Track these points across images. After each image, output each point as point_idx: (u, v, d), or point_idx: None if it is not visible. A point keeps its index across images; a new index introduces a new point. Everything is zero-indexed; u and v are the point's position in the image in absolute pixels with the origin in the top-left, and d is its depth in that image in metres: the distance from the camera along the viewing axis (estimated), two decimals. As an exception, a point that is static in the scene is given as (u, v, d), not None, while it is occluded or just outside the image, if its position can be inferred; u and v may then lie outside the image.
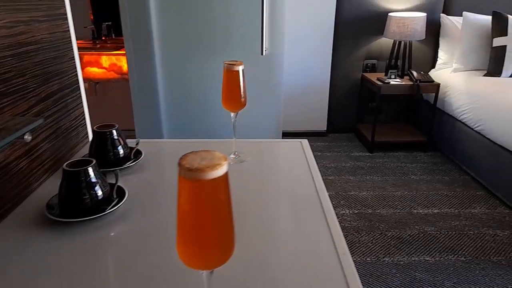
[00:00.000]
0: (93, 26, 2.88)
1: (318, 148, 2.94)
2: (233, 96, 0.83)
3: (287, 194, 0.76)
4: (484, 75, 2.56)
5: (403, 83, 2.69)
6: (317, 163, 2.89)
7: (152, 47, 1.71)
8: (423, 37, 2.71)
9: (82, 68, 2.63)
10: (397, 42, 2.81)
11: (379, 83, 2.69)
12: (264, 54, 1.70)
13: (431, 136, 2.84)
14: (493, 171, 2.23)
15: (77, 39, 0.96)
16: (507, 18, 2.47)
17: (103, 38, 2.87)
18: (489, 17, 2.58)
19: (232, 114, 0.86)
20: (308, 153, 0.91)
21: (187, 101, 1.80)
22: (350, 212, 2.11)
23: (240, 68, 0.81)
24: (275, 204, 0.73)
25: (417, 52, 2.97)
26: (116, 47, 2.66)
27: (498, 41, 2.50)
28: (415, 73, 2.72)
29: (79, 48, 0.99)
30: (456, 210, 2.12)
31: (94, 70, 2.61)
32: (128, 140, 0.93)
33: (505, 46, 2.46)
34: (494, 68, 2.52)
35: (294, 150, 0.93)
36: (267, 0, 1.62)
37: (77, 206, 0.66)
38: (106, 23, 2.93)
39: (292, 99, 3.06)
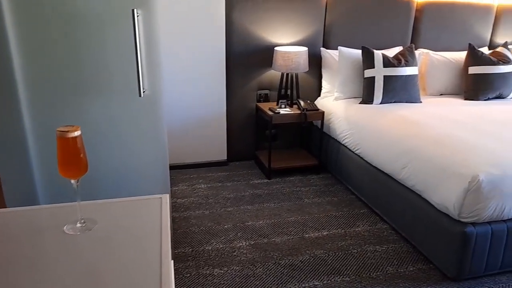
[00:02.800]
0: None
1: (218, 179, 2.95)
2: (71, 164, 0.78)
3: (127, 268, 0.72)
4: (360, 103, 2.86)
5: (292, 112, 2.86)
6: (217, 195, 2.85)
7: (16, 90, 1.56)
8: (307, 69, 2.93)
9: None
10: (285, 74, 3.00)
11: (271, 113, 2.83)
12: (142, 95, 1.67)
13: (321, 159, 3.05)
14: (372, 190, 2.46)
15: None
16: (373, 53, 2.80)
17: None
18: (360, 51, 2.91)
19: (73, 181, 0.81)
20: (164, 211, 0.89)
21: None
22: (247, 244, 2.14)
23: (76, 134, 0.77)
24: (110, 282, 0.69)
25: (304, 82, 3.20)
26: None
27: (368, 73, 2.81)
28: (302, 102, 2.92)
29: None
30: (343, 230, 2.28)
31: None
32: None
33: (373, 77, 2.78)
34: (367, 96, 2.82)
35: (150, 209, 0.90)
36: (142, 43, 1.60)
37: None
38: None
39: (190, 131, 3.05)
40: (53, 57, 1.52)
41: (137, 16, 1.55)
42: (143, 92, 1.67)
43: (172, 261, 1.11)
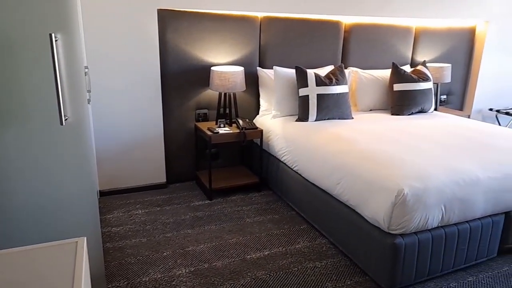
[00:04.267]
0: None
1: (157, 202, 2.84)
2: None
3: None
4: (296, 120, 2.93)
5: (231, 131, 2.86)
6: (156, 220, 2.73)
7: None
8: (244, 88, 2.96)
9: None
10: (223, 93, 3.00)
11: (210, 133, 2.80)
12: (64, 123, 1.55)
13: (262, 177, 3.07)
14: (310, 206, 2.51)
15: None
16: (306, 72, 2.91)
17: None
18: (294, 70, 3.00)
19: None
20: (80, 257, 0.82)
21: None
22: (187, 271, 2.06)
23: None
24: None
25: (242, 100, 3.23)
26: None
27: (302, 91, 2.90)
28: (241, 121, 2.93)
29: None
30: (284, 248, 2.30)
31: None
32: None
33: (307, 96, 2.88)
34: (302, 114, 2.91)
35: (64, 256, 0.82)
36: (63, 68, 1.50)
37: None
38: None
39: (126, 154, 2.92)
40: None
41: (56, 40, 1.45)
42: (65, 119, 1.56)
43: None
